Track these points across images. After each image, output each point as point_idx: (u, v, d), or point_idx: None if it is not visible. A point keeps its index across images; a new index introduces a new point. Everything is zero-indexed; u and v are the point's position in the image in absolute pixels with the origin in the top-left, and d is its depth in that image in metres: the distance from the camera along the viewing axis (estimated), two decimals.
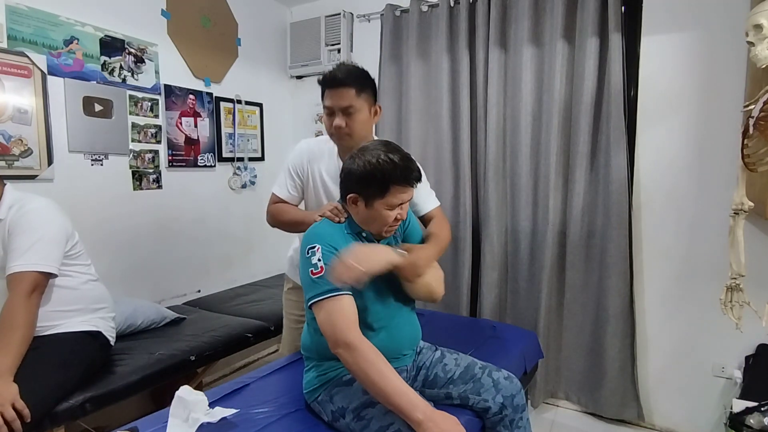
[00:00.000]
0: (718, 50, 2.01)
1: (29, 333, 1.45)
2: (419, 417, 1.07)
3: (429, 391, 1.39)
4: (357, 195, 1.25)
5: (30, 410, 1.33)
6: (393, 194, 1.23)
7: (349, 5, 2.97)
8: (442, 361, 1.43)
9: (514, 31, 2.37)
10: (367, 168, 1.21)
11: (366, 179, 1.22)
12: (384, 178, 1.21)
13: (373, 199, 1.24)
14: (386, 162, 1.20)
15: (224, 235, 2.89)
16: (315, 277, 1.18)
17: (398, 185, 1.23)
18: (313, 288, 1.18)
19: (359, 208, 1.27)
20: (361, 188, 1.23)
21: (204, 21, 2.69)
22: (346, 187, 1.28)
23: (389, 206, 1.25)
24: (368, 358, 1.11)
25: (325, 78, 1.48)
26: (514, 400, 1.35)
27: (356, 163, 1.24)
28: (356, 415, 1.19)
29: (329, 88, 1.47)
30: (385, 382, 1.10)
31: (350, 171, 1.25)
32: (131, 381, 1.67)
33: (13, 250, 1.49)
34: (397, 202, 1.25)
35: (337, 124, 1.46)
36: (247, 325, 2.21)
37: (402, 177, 1.22)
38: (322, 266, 1.17)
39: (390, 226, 1.30)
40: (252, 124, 3.05)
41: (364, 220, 1.30)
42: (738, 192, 1.34)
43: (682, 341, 2.20)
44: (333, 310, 1.16)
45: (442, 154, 2.59)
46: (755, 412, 1.48)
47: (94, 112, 2.18)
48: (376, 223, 1.29)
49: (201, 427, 1.18)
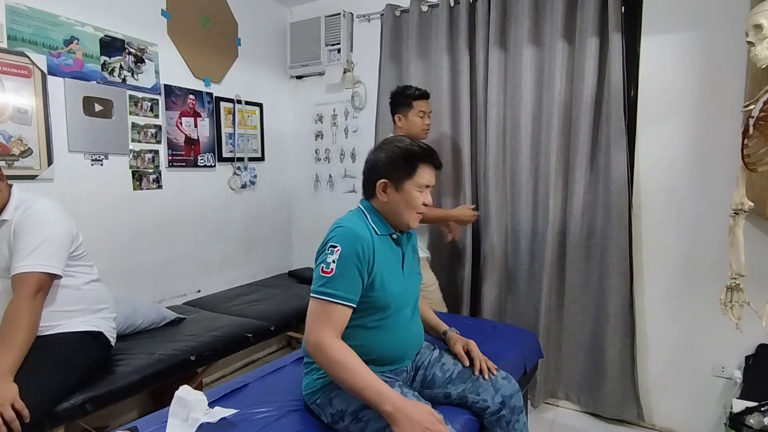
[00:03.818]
0: (718, 50, 2.01)
1: (32, 334, 1.46)
2: (388, 409, 1.08)
3: (428, 391, 1.39)
4: (386, 180, 1.30)
5: (30, 410, 1.33)
6: (421, 174, 1.30)
7: (349, 5, 2.97)
8: (441, 361, 1.44)
9: (514, 31, 2.37)
10: (395, 151, 1.30)
11: (395, 161, 1.29)
12: (413, 157, 1.29)
13: (403, 180, 1.29)
14: (412, 144, 1.32)
15: (224, 235, 2.89)
16: (324, 275, 1.20)
17: (425, 164, 1.31)
18: (319, 283, 1.21)
19: (389, 195, 1.31)
20: (391, 171, 1.30)
21: (204, 21, 2.69)
22: (373, 177, 1.33)
23: (419, 187, 1.31)
24: (335, 357, 1.13)
25: (421, 91, 2.19)
26: (511, 401, 1.35)
27: (383, 151, 1.32)
28: (354, 417, 1.19)
29: (423, 99, 2.19)
30: (355, 378, 1.12)
31: (376, 160, 1.33)
32: (131, 381, 1.67)
33: (19, 251, 1.49)
34: (425, 182, 1.31)
35: (428, 122, 2.23)
36: (247, 325, 2.21)
37: (428, 156, 1.32)
38: (333, 268, 1.19)
39: (419, 212, 1.34)
40: (252, 124, 3.05)
41: (395, 209, 1.32)
42: (738, 192, 1.33)
43: (682, 341, 2.20)
44: (323, 311, 1.18)
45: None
46: (755, 412, 1.48)
47: (94, 112, 2.18)
48: (407, 210, 1.32)
49: (200, 427, 1.18)
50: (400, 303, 1.33)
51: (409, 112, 2.18)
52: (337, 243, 1.21)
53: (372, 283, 1.25)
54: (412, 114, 2.18)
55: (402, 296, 1.34)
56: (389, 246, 1.34)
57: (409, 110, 2.18)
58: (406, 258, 1.39)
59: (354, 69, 3.02)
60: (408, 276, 1.38)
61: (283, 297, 2.67)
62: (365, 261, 1.21)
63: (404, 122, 2.20)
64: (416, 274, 1.46)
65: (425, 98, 2.19)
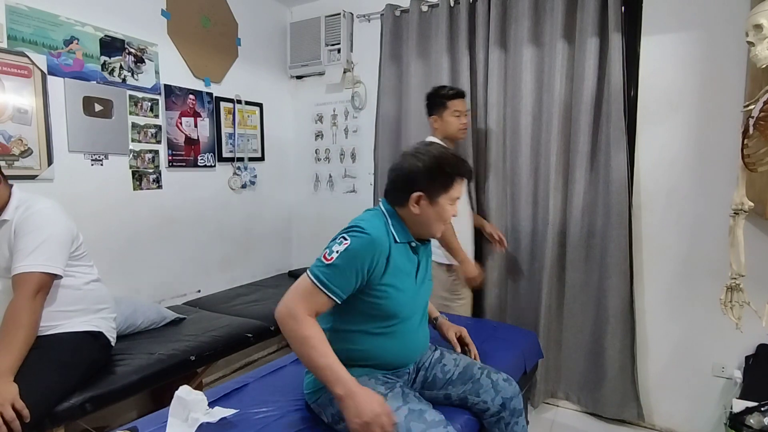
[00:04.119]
0: (719, 50, 2.01)
1: (32, 333, 1.46)
2: (339, 392, 1.09)
3: (428, 392, 1.39)
4: (422, 192, 1.25)
5: (30, 410, 1.33)
6: (456, 187, 1.28)
7: (349, 5, 2.97)
8: (441, 362, 1.43)
9: (514, 31, 2.37)
10: (433, 163, 1.25)
11: (432, 173, 1.25)
12: (451, 171, 1.26)
13: (438, 193, 1.26)
14: (450, 155, 1.29)
15: (224, 235, 2.89)
16: (324, 260, 1.17)
17: (461, 177, 1.29)
18: (316, 265, 1.18)
19: (422, 207, 1.26)
20: (428, 183, 1.25)
21: (204, 21, 2.69)
22: (408, 187, 1.27)
23: (452, 200, 1.28)
24: (303, 332, 1.13)
25: (455, 90, 2.16)
26: (512, 403, 1.35)
27: (420, 160, 1.26)
28: None
29: (458, 98, 2.15)
30: (317, 357, 1.12)
31: (413, 170, 1.26)
32: (131, 381, 1.67)
33: (19, 251, 1.49)
34: (457, 195, 1.30)
35: (464, 122, 2.18)
36: (247, 325, 2.21)
37: (465, 170, 1.29)
38: (334, 257, 1.15)
39: (444, 224, 1.32)
40: (252, 124, 3.05)
41: (424, 221, 1.29)
42: (738, 192, 1.33)
43: (682, 341, 2.20)
44: (308, 291, 1.17)
45: None
46: (755, 412, 1.48)
47: (94, 112, 2.18)
48: (435, 223, 1.30)
49: (200, 427, 1.18)
50: (408, 312, 1.31)
51: (444, 112, 2.14)
52: (349, 237, 1.18)
53: (383, 290, 1.23)
54: (447, 114, 2.14)
55: (411, 305, 1.32)
56: (406, 254, 1.31)
57: (444, 110, 2.14)
58: (421, 266, 1.36)
59: (354, 69, 3.02)
60: (420, 284, 1.36)
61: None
62: (370, 267, 1.19)
63: (440, 123, 2.16)
64: (428, 281, 1.43)
65: (460, 97, 2.15)
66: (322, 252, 1.20)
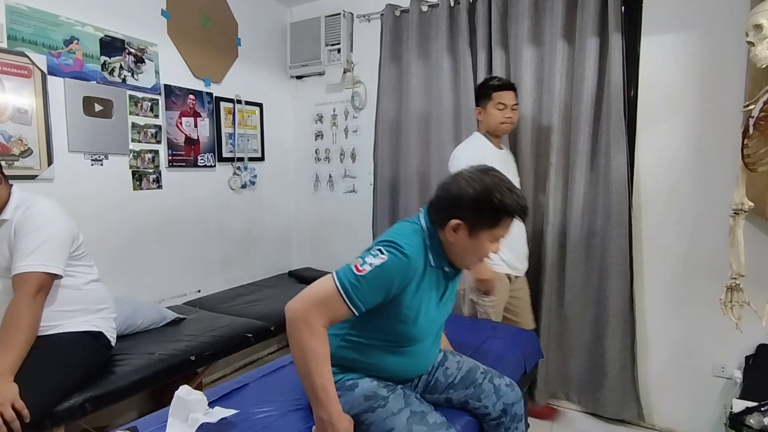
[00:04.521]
0: (719, 50, 2.01)
1: (33, 333, 1.46)
2: (323, 417, 1.08)
3: (429, 396, 1.38)
4: (462, 222, 1.15)
5: (30, 410, 1.34)
6: (502, 226, 1.16)
7: (349, 5, 2.97)
8: (444, 365, 1.41)
9: (515, 31, 2.36)
10: (485, 193, 1.12)
11: (481, 207, 1.13)
12: (501, 207, 1.12)
13: (482, 228, 1.15)
14: (506, 189, 1.13)
15: (224, 235, 2.89)
16: (355, 271, 1.08)
17: (512, 217, 1.15)
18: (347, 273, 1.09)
19: (458, 236, 1.16)
20: (473, 215, 1.13)
21: (204, 21, 2.69)
22: (450, 211, 1.16)
23: (495, 238, 1.18)
24: (312, 344, 1.06)
25: (501, 82, 2.05)
26: (513, 409, 1.34)
27: (471, 186, 1.14)
28: (356, 420, 1.19)
29: (504, 90, 2.03)
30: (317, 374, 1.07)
31: (461, 194, 1.14)
32: (131, 381, 1.67)
33: (20, 251, 1.49)
34: (502, 234, 1.18)
35: (509, 115, 2.04)
36: (247, 325, 2.21)
37: (519, 209, 1.15)
38: (367, 270, 1.07)
39: (480, 260, 1.24)
40: (252, 124, 3.05)
41: (458, 252, 1.20)
42: (738, 192, 1.33)
43: (682, 341, 2.20)
44: (331, 298, 1.09)
45: (442, 153, 2.58)
46: (755, 412, 1.48)
47: (94, 112, 2.18)
48: (471, 256, 1.21)
49: (200, 427, 1.18)
50: (425, 334, 1.27)
51: (488, 104, 2.04)
52: (386, 253, 1.09)
53: (404, 313, 1.17)
54: (491, 106, 2.03)
55: (429, 328, 1.27)
56: (437, 278, 1.23)
57: (488, 102, 2.04)
58: (449, 289, 1.30)
59: (354, 69, 3.02)
60: (442, 306, 1.30)
61: (283, 297, 2.66)
62: (399, 288, 1.12)
63: (483, 115, 2.07)
64: (450, 301, 1.35)
65: (507, 89, 2.04)
66: (356, 259, 1.12)
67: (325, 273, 3.33)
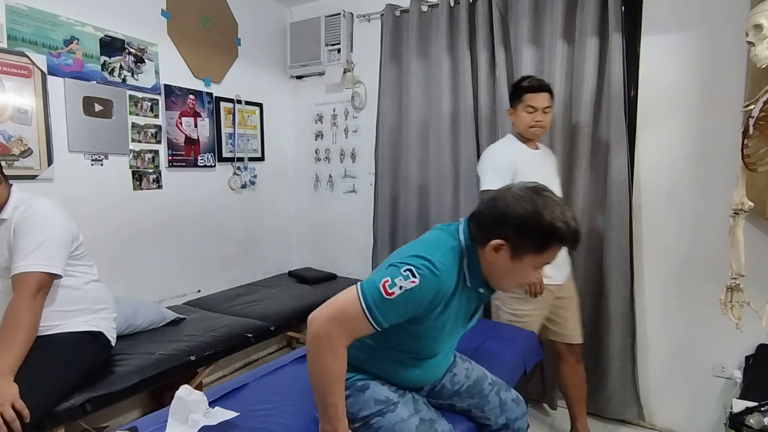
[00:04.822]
0: (718, 50, 2.01)
1: (32, 333, 1.46)
2: (328, 429, 1.09)
3: (432, 400, 1.36)
4: (506, 243, 1.05)
5: (30, 410, 1.33)
6: (549, 253, 1.06)
7: (349, 5, 2.97)
8: (452, 371, 1.38)
9: (515, 31, 2.36)
10: (534, 216, 1.02)
11: (527, 227, 1.03)
12: (551, 233, 1.02)
13: (526, 252, 1.05)
14: (558, 213, 1.02)
15: (224, 235, 2.89)
16: (383, 293, 1.02)
17: (561, 245, 1.06)
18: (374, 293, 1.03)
19: (499, 258, 1.07)
20: (518, 236, 1.04)
21: (204, 21, 2.69)
22: (493, 229, 1.06)
23: (539, 265, 1.09)
24: (331, 364, 1.05)
25: (531, 83, 1.90)
26: (515, 424, 1.33)
27: (521, 205, 1.03)
28: (365, 422, 1.18)
29: (534, 92, 1.88)
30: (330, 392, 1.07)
31: (507, 213, 1.04)
32: (131, 381, 1.67)
33: (19, 251, 1.49)
34: (548, 261, 1.09)
35: (539, 119, 1.89)
36: (247, 325, 2.21)
37: (571, 237, 1.05)
38: (396, 293, 1.01)
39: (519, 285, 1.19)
40: (252, 124, 3.05)
41: (497, 273, 1.11)
42: (738, 192, 1.34)
43: (682, 341, 2.20)
44: (354, 316, 1.04)
45: (442, 154, 2.59)
46: (755, 412, 1.48)
47: (94, 112, 2.18)
48: (510, 280, 1.13)
49: (201, 428, 1.18)
50: (445, 348, 1.25)
51: (518, 105, 1.92)
52: (418, 276, 1.02)
53: (426, 330, 1.12)
54: (521, 108, 1.91)
55: (450, 342, 1.24)
56: (468, 297, 1.16)
57: (519, 103, 1.92)
58: (479, 309, 1.25)
59: (354, 69, 3.02)
60: (469, 324, 1.25)
61: (283, 297, 2.67)
62: (427, 308, 1.07)
63: (515, 117, 1.96)
64: (476, 319, 1.29)
65: (537, 91, 1.88)
66: (383, 273, 1.05)
67: (325, 273, 3.32)
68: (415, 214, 2.71)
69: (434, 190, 2.64)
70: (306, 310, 2.54)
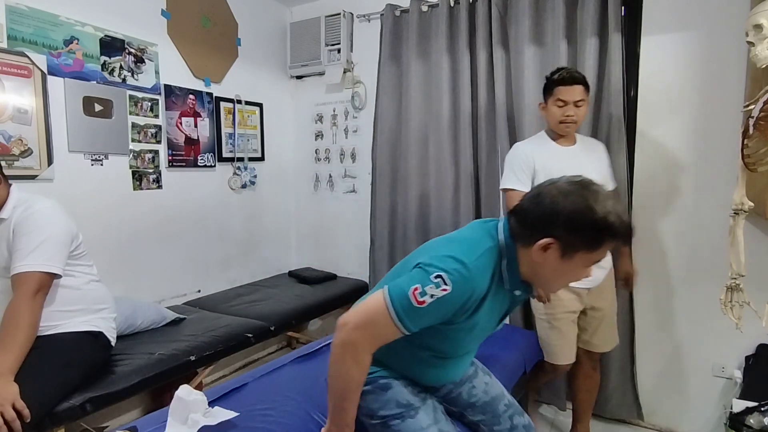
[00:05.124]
0: (719, 50, 2.01)
1: (32, 333, 1.46)
2: (333, 430, 1.10)
3: (446, 406, 1.33)
4: (555, 241, 0.98)
5: (30, 410, 1.33)
6: (603, 250, 1.00)
7: (349, 5, 2.97)
8: (472, 382, 1.35)
9: (515, 31, 2.36)
10: (585, 211, 0.96)
11: (578, 223, 0.96)
12: (604, 229, 0.96)
13: (577, 250, 0.99)
14: (611, 208, 0.96)
15: (224, 235, 2.89)
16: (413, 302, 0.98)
17: (614, 241, 0.99)
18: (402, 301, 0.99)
19: (547, 257, 1.01)
20: (568, 234, 0.97)
21: (204, 21, 2.69)
22: (540, 228, 1.00)
23: (591, 262, 1.02)
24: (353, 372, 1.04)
25: (561, 76, 1.79)
26: None
27: (570, 201, 0.97)
28: (384, 422, 1.18)
29: (564, 85, 1.78)
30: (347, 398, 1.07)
31: (555, 210, 0.98)
32: (131, 381, 1.67)
33: (19, 250, 1.49)
34: (599, 259, 1.03)
35: (569, 113, 1.79)
36: (247, 325, 2.21)
37: (624, 232, 0.99)
38: (427, 301, 0.97)
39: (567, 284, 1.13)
40: (252, 124, 3.05)
41: (543, 274, 1.05)
42: (738, 192, 1.34)
43: (682, 341, 2.20)
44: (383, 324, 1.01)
45: (442, 154, 2.59)
46: (755, 412, 1.48)
47: (94, 112, 2.18)
48: (558, 280, 1.08)
49: (200, 428, 1.18)
50: (470, 348, 1.22)
51: (549, 99, 1.84)
52: (450, 283, 0.97)
53: (454, 331, 1.09)
54: (551, 102, 1.83)
55: (476, 342, 1.21)
56: (502, 298, 1.11)
57: (549, 97, 1.84)
58: (510, 310, 1.20)
59: (354, 69, 3.02)
60: (498, 324, 1.20)
61: (283, 297, 2.67)
62: (457, 313, 1.03)
63: (545, 112, 1.88)
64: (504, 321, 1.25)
65: (568, 84, 1.79)
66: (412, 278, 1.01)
67: (325, 273, 3.32)
68: (414, 215, 2.71)
69: (434, 190, 2.64)
70: (306, 310, 2.56)
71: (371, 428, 1.21)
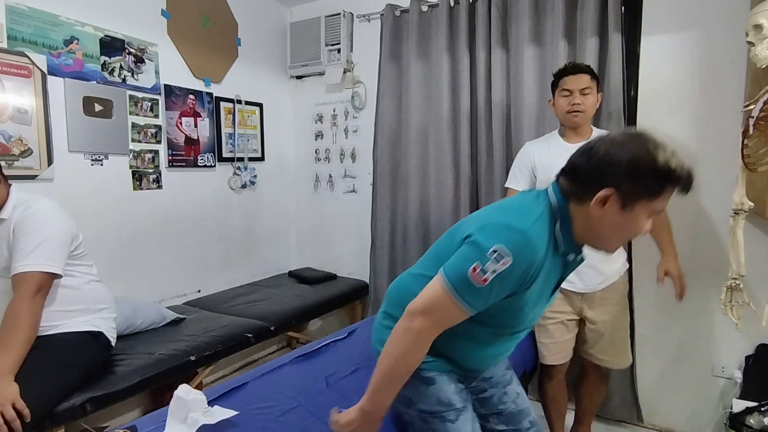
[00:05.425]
0: (718, 50, 2.01)
1: (32, 333, 1.46)
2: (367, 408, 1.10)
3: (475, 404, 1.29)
4: (615, 190, 0.94)
5: (30, 410, 1.34)
6: (665, 197, 0.96)
7: (349, 5, 2.97)
8: (505, 389, 1.32)
9: (515, 31, 2.36)
10: (645, 157, 0.92)
11: (638, 171, 0.92)
12: (668, 174, 0.92)
13: (639, 199, 0.94)
14: (670, 153, 0.93)
15: (224, 235, 2.90)
16: (474, 282, 0.95)
17: (675, 187, 0.96)
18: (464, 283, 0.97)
19: (607, 210, 0.96)
20: (629, 182, 0.93)
21: (204, 21, 2.69)
22: (596, 180, 0.95)
23: (652, 212, 0.98)
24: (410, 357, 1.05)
25: (565, 67, 1.81)
26: None
27: (627, 149, 0.93)
28: (421, 416, 1.17)
29: (570, 74, 1.78)
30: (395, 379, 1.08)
31: (613, 160, 0.94)
32: (131, 381, 1.67)
33: (19, 250, 1.49)
34: (661, 208, 0.98)
35: (576, 101, 1.75)
36: (247, 325, 2.21)
37: (686, 177, 0.95)
38: (489, 279, 0.94)
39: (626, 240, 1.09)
40: (252, 124, 3.05)
41: (603, 229, 1.00)
42: (738, 192, 1.34)
43: (682, 341, 2.20)
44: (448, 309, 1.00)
45: (442, 154, 2.59)
46: (755, 412, 1.48)
47: (94, 112, 2.18)
48: (619, 234, 1.02)
49: (200, 426, 1.18)
50: (524, 326, 1.16)
51: (556, 92, 1.82)
52: (510, 254, 0.93)
53: (512, 304, 1.05)
54: (558, 94, 1.80)
55: (531, 320, 1.15)
56: (556, 266, 1.07)
57: (556, 90, 1.82)
58: (563, 279, 1.15)
59: (354, 69, 3.02)
60: (550, 298, 1.16)
61: (283, 297, 2.67)
62: (518, 284, 0.99)
63: (554, 107, 1.86)
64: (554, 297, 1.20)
65: (572, 73, 1.78)
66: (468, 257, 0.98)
67: (325, 273, 3.32)
68: (414, 215, 2.71)
69: (434, 190, 2.64)
70: (306, 310, 2.56)
71: (406, 416, 1.20)
